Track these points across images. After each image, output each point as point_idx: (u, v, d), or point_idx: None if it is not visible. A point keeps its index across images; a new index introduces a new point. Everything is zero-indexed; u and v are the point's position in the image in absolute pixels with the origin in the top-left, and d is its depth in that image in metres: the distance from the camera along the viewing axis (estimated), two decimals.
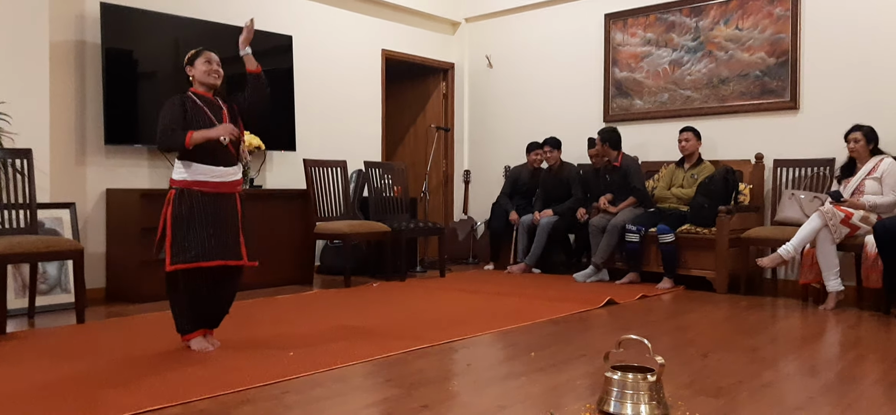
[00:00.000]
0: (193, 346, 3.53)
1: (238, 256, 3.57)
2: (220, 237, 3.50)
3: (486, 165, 8.20)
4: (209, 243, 3.46)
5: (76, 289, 4.44)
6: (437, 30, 8.24)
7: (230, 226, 3.55)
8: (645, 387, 2.52)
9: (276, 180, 6.52)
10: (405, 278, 6.39)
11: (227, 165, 3.56)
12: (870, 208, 5.00)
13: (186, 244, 3.43)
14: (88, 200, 5.39)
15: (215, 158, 3.51)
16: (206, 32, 5.88)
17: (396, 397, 2.78)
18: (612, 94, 7.15)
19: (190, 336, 3.55)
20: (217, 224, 3.50)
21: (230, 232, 3.55)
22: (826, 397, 2.81)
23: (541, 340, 3.90)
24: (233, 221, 3.57)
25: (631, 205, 6.34)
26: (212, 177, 3.51)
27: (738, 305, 5.17)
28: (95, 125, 5.38)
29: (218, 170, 3.52)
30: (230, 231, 3.55)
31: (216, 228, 3.49)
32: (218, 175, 3.52)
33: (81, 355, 3.47)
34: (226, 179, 3.55)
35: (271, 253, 5.96)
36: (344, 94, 7.24)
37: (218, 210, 3.51)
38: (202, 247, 3.45)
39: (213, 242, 3.47)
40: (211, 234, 3.47)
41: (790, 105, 6.05)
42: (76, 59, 5.33)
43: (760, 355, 3.59)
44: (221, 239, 3.50)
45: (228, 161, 3.57)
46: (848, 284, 5.18)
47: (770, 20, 6.16)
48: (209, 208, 3.49)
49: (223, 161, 3.54)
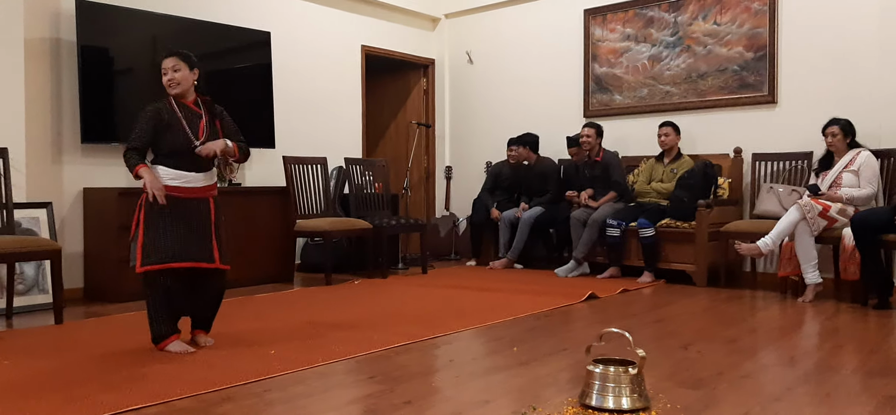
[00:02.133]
0: (172, 349, 3.47)
1: (210, 258, 3.54)
2: (191, 240, 3.49)
3: (468, 160, 8.20)
4: (179, 245, 3.45)
5: (54, 289, 4.39)
6: (416, 25, 8.23)
7: (202, 229, 3.53)
8: (626, 380, 2.53)
9: (255, 178, 6.48)
10: (387, 275, 6.38)
11: (198, 170, 3.54)
12: (847, 201, 5.06)
13: (158, 246, 3.42)
14: (65, 200, 5.33)
15: (186, 164, 3.50)
16: (183, 29, 5.84)
17: (379, 392, 2.78)
18: (592, 89, 7.18)
19: (165, 343, 3.49)
20: (188, 227, 3.49)
21: (202, 235, 3.52)
22: (804, 387, 2.84)
23: (523, 334, 3.91)
24: (205, 225, 3.54)
25: (611, 199, 6.37)
26: (183, 182, 3.50)
27: (718, 297, 5.21)
28: (72, 123, 5.32)
29: (189, 175, 3.51)
30: (202, 234, 3.52)
31: (187, 231, 3.48)
32: (189, 180, 3.51)
33: (60, 355, 3.43)
34: (197, 184, 3.53)
35: (251, 251, 5.93)
36: (323, 90, 7.21)
37: (189, 213, 3.50)
38: (172, 249, 3.44)
39: (183, 245, 3.46)
40: (181, 235, 3.46)
41: (768, 99, 6.10)
42: (52, 57, 5.26)
43: (740, 346, 3.62)
44: (192, 241, 3.49)
45: (200, 167, 3.54)
46: (826, 276, 5.24)
47: (748, 15, 6.21)
48: (180, 211, 3.48)
49: (195, 167, 3.52)
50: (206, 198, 3.58)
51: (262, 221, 6.05)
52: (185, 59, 3.54)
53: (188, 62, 3.55)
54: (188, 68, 3.55)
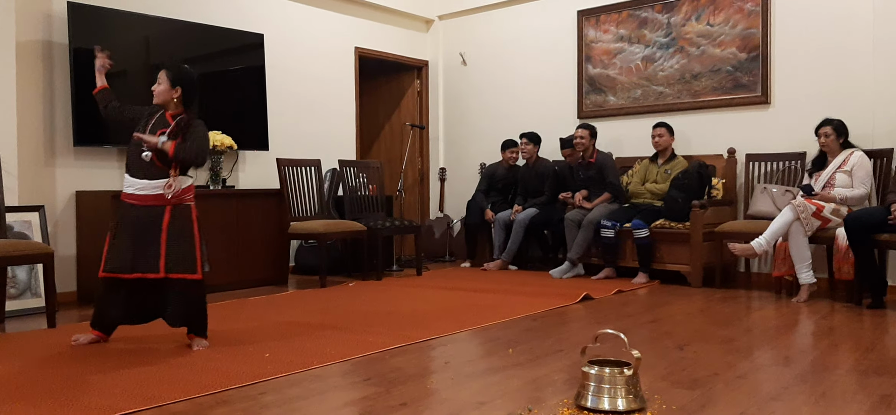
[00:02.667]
0: (79, 339, 3.70)
1: (155, 269, 3.57)
2: (136, 250, 3.57)
3: (462, 162, 8.20)
4: (127, 256, 3.57)
5: (47, 293, 4.35)
6: (410, 27, 8.23)
7: (149, 238, 3.57)
8: (621, 381, 2.53)
9: (248, 180, 6.47)
10: (381, 277, 6.37)
11: (148, 178, 3.59)
12: (840, 201, 5.07)
13: (110, 255, 3.60)
14: (58, 203, 5.31)
15: (137, 171, 3.61)
16: (176, 31, 5.82)
17: (375, 395, 2.77)
18: (586, 90, 7.18)
19: (90, 331, 3.73)
20: (133, 237, 3.57)
21: (148, 244, 3.57)
22: (800, 387, 2.84)
23: (518, 335, 3.90)
24: (155, 234, 3.58)
25: (606, 200, 6.37)
26: (135, 189, 3.60)
27: (713, 297, 5.22)
28: (64, 126, 5.30)
29: (140, 182, 3.59)
30: (149, 243, 3.57)
31: (132, 242, 3.57)
32: (140, 187, 3.59)
33: (53, 359, 3.41)
34: (147, 191, 3.59)
35: (245, 254, 5.92)
36: (317, 92, 7.19)
37: (138, 222, 3.58)
38: (121, 259, 3.57)
39: (129, 255, 3.56)
40: (128, 246, 3.57)
41: (761, 100, 6.12)
42: (44, 60, 5.24)
43: (735, 346, 3.62)
44: (138, 252, 3.57)
45: (150, 174, 3.59)
46: (820, 276, 5.25)
47: (741, 15, 6.22)
48: (130, 220, 3.59)
49: (144, 174, 3.59)
50: (161, 206, 3.60)
51: (256, 223, 6.03)
52: (169, 74, 3.68)
53: (170, 79, 3.67)
54: (169, 84, 3.67)
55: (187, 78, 3.70)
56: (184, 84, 3.68)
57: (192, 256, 3.63)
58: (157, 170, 3.59)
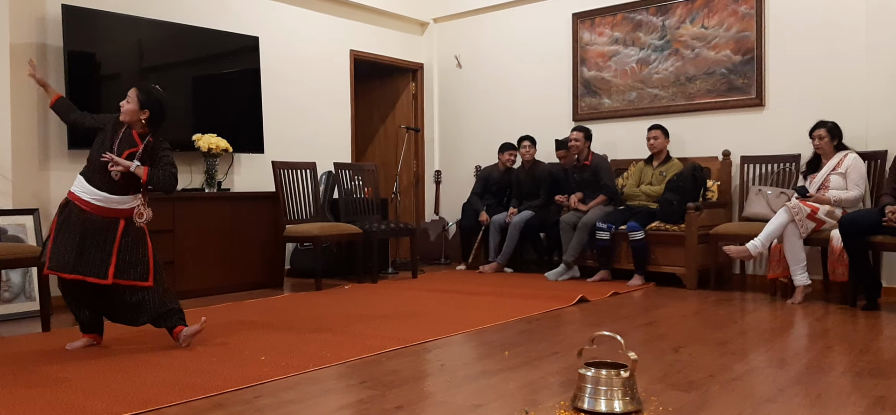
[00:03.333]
0: (73, 345, 3.73)
1: (104, 275, 3.60)
2: (84, 253, 3.59)
3: (457, 164, 8.20)
4: (69, 256, 3.58)
5: (41, 296, 4.35)
6: (405, 30, 8.22)
7: (102, 245, 3.62)
8: (618, 383, 2.53)
9: (243, 183, 6.45)
10: (377, 280, 6.37)
11: (111, 191, 3.63)
12: (835, 203, 5.08)
13: (54, 252, 3.61)
14: (52, 206, 5.28)
15: (99, 183, 3.62)
16: (171, 34, 5.81)
17: (371, 398, 2.77)
18: (581, 92, 7.19)
19: (81, 336, 3.78)
20: (85, 242, 3.59)
21: (100, 251, 3.61)
22: (796, 389, 2.85)
23: (514, 338, 3.90)
24: (108, 242, 3.62)
25: (601, 203, 6.38)
26: (93, 198, 3.62)
27: (708, 300, 5.23)
28: (58, 130, 5.28)
29: (101, 194, 3.62)
30: (101, 250, 3.61)
31: (80, 244, 3.59)
32: (100, 199, 3.62)
33: (48, 363, 3.40)
34: (108, 204, 3.63)
35: (240, 257, 5.91)
36: (312, 95, 7.18)
37: (93, 229, 3.62)
38: (63, 258, 3.59)
39: (73, 256, 3.59)
40: (72, 247, 3.58)
41: (756, 102, 6.13)
42: (38, 62, 5.21)
43: (731, 348, 3.62)
44: (89, 256, 3.60)
45: (114, 188, 3.64)
46: (815, 277, 5.26)
47: (735, 18, 6.23)
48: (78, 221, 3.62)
49: (108, 188, 3.63)
50: (116, 218, 3.65)
51: (251, 226, 6.02)
52: (140, 95, 3.70)
53: (140, 100, 3.69)
54: (137, 105, 3.68)
55: (156, 102, 3.72)
56: (152, 108, 3.70)
57: (146, 265, 3.70)
58: (121, 187, 3.65)
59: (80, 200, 3.62)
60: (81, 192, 3.63)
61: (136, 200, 3.69)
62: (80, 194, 3.63)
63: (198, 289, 5.56)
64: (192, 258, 5.57)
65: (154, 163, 3.70)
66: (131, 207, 3.68)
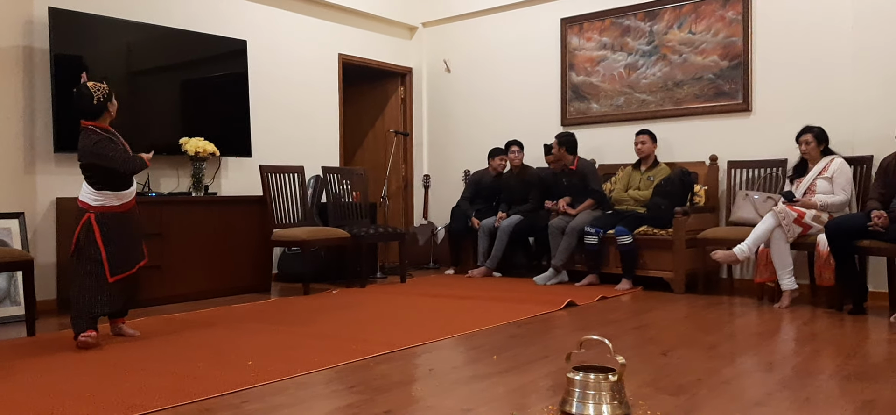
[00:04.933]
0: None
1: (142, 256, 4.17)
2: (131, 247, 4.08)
3: (446, 169, 8.20)
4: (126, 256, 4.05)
5: (26, 300, 4.31)
6: (394, 34, 8.22)
7: (135, 235, 4.12)
8: (606, 387, 2.53)
9: (231, 187, 6.42)
10: (365, 284, 6.35)
11: (129, 187, 4.10)
12: (821, 208, 5.11)
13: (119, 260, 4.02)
14: (38, 210, 5.25)
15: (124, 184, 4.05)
16: (158, 37, 5.78)
17: (359, 402, 2.75)
18: (570, 97, 7.21)
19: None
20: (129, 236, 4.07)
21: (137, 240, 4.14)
22: (784, 392, 2.86)
23: (503, 342, 3.90)
24: (135, 230, 4.13)
25: (589, 207, 6.39)
26: (122, 200, 4.03)
27: (696, 304, 5.24)
28: (45, 132, 5.24)
29: (125, 191, 4.05)
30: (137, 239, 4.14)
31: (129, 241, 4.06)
32: (126, 195, 4.05)
33: (33, 368, 3.37)
34: (130, 197, 4.10)
35: (228, 261, 5.88)
36: (301, 98, 7.17)
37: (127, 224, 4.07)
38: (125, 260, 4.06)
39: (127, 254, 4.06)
40: (126, 246, 4.03)
41: (743, 107, 6.16)
42: (24, 65, 5.18)
43: (719, 352, 3.63)
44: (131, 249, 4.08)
45: (130, 183, 4.11)
46: (801, 282, 5.29)
47: (723, 24, 6.27)
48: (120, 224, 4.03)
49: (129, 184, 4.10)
50: (133, 207, 4.13)
51: (238, 230, 5.99)
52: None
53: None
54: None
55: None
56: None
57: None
58: (129, 179, 4.10)
59: (113, 208, 3.98)
60: (113, 200, 3.97)
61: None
62: (111, 203, 3.97)
63: (185, 293, 5.53)
64: (180, 262, 5.53)
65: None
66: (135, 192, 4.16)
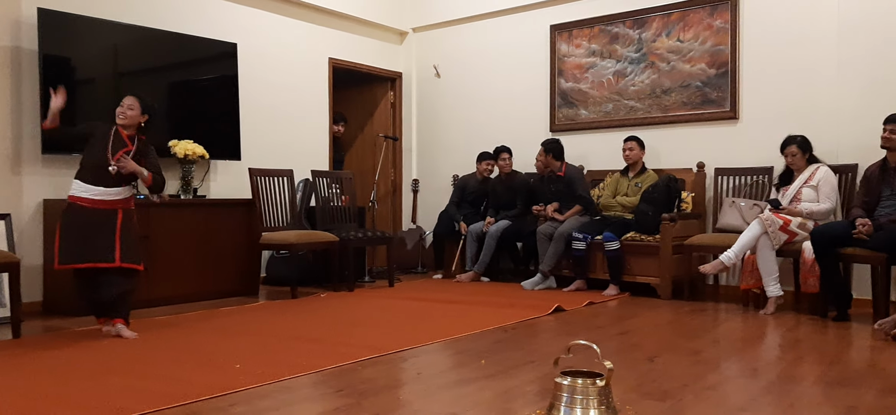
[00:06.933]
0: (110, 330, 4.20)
1: (109, 259, 4.08)
2: (88, 244, 4.06)
3: (435, 173, 8.21)
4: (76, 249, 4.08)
5: (12, 302, 4.29)
6: (384, 39, 8.23)
7: (102, 234, 4.09)
8: (594, 392, 2.53)
9: (220, 190, 6.41)
10: (353, 288, 6.35)
11: (106, 186, 4.11)
12: (807, 215, 5.15)
13: (63, 249, 4.10)
14: (24, 211, 5.22)
15: (96, 179, 4.10)
16: (146, 39, 5.77)
17: (346, 406, 2.76)
18: (558, 103, 7.24)
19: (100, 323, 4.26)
20: (87, 233, 4.07)
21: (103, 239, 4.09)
22: (768, 398, 2.88)
23: (490, 347, 3.91)
24: (107, 230, 4.10)
25: (577, 213, 6.42)
26: (91, 195, 4.09)
27: (682, 309, 5.27)
28: (32, 134, 5.22)
29: (97, 189, 4.09)
30: (103, 238, 4.09)
31: (84, 237, 4.06)
32: (96, 194, 4.09)
33: (18, 371, 3.35)
34: (105, 197, 4.11)
35: (215, 264, 5.86)
36: (290, 102, 7.16)
37: (90, 221, 4.08)
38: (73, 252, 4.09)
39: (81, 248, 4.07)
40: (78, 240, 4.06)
41: (730, 115, 6.21)
42: (12, 66, 5.16)
43: (704, 357, 3.66)
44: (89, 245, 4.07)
45: (108, 183, 4.12)
46: (787, 289, 5.32)
47: (710, 32, 6.31)
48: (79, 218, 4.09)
49: (104, 183, 4.11)
50: (115, 209, 4.14)
51: (226, 233, 5.98)
52: (142, 102, 4.25)
53: (143, 106, 4.25)
54: (140, 111, 4.24)
55: (152, 107, 4.34)
56: (150, 112, 4.29)
57: (137, 251, 4.21)
58: (113, 180, 4.12)
59: (81, 200, 4.08)
60: (81, 192, 4.08)
61: (130, 190, 4.25)
62: (80, 195, 4.08)
63: (172, 296, 5.51)
64: (167, 265, 5.51)
65: (146, 159, 4.23)
66: (126, 197, 4.20)
